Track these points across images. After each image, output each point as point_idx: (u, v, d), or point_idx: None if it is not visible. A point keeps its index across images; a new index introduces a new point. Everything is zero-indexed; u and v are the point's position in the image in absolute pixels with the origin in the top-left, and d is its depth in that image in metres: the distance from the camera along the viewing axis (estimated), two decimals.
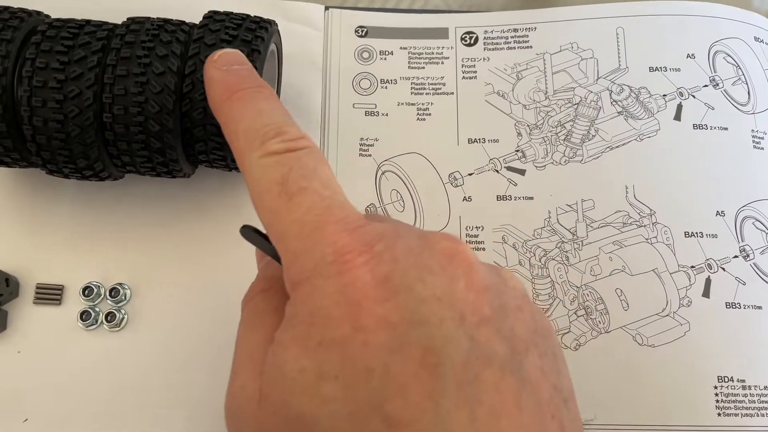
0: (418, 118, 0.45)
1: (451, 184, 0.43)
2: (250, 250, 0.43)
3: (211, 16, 0.37)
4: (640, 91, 0.44)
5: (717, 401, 0.38)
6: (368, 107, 0.45)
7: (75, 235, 0.41)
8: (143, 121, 0.34)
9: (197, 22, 0.37)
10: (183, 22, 0.37)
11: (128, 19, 0.37)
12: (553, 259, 0.41)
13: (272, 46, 0.39)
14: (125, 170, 0.38)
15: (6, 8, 0.36)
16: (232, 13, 0.37)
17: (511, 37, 0.47)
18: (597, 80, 0.45)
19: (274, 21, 0.38)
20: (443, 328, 0.21)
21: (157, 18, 0.37)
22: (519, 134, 0.44)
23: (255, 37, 0.36)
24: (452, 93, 0.46)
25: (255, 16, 0.37)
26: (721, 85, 0.44)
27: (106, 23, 0.37)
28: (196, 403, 0.38)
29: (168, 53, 0.35)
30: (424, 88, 0.46)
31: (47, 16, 0.38)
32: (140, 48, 0.35)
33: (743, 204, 0.42)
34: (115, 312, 0.39)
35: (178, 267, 0.41)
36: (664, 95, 0.44)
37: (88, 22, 0.36)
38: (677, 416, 0.38)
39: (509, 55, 0.46)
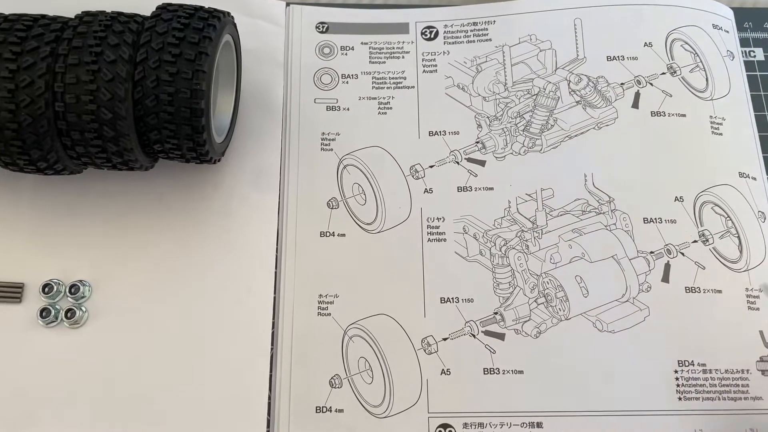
0: (379, 112, 0.45)
1: (413, 176, 0.43)
2: (212, 244, 0.43)
3: (165, 7, 0.37)
4: (598, 81, 0.45)
5: (678, 385, 0.38)
6: (329, 102, 0.45)
7: (35, 232, 0.41)
8: (95, 109, 0.34)
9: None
10: (136, 15, 0.37)
11: (82, 12, 0.37)
12: (513, 248, 0.41)
13: (227, 38, 0.39)
14: (81, 163, 0.38)
15: None
16: (185, 4, 0.38)
17: (471, 30, 0.47)
18: (555, 71, 0.45)
19: (228, 12, 0.39)
20: None
21: (111, 11, 0.37)
22: (479, 126, 0.44)
23: (207, 25, 0.36)
24: (413, 87, 0.46)
25: (208, 7, 0.38)
26: (678, 73, 0.45)
27: (61, 17, 0.37)
28: (157, 398, 0.38)
29: (119, 42, 0.35)
30: (385, 83, 0.46)
31: (2, 14, 0.38)
32: (92, 38, 0.35)
33: (702, 189, 0.42)
34: (75, 309, 0.39)
35: (139, 262, 0.41)
36: (622, 84, 0.45)
37: (43, 16, 0.37)
38: (638, 401, 0.38)
39: (469, 48, 0.47)
